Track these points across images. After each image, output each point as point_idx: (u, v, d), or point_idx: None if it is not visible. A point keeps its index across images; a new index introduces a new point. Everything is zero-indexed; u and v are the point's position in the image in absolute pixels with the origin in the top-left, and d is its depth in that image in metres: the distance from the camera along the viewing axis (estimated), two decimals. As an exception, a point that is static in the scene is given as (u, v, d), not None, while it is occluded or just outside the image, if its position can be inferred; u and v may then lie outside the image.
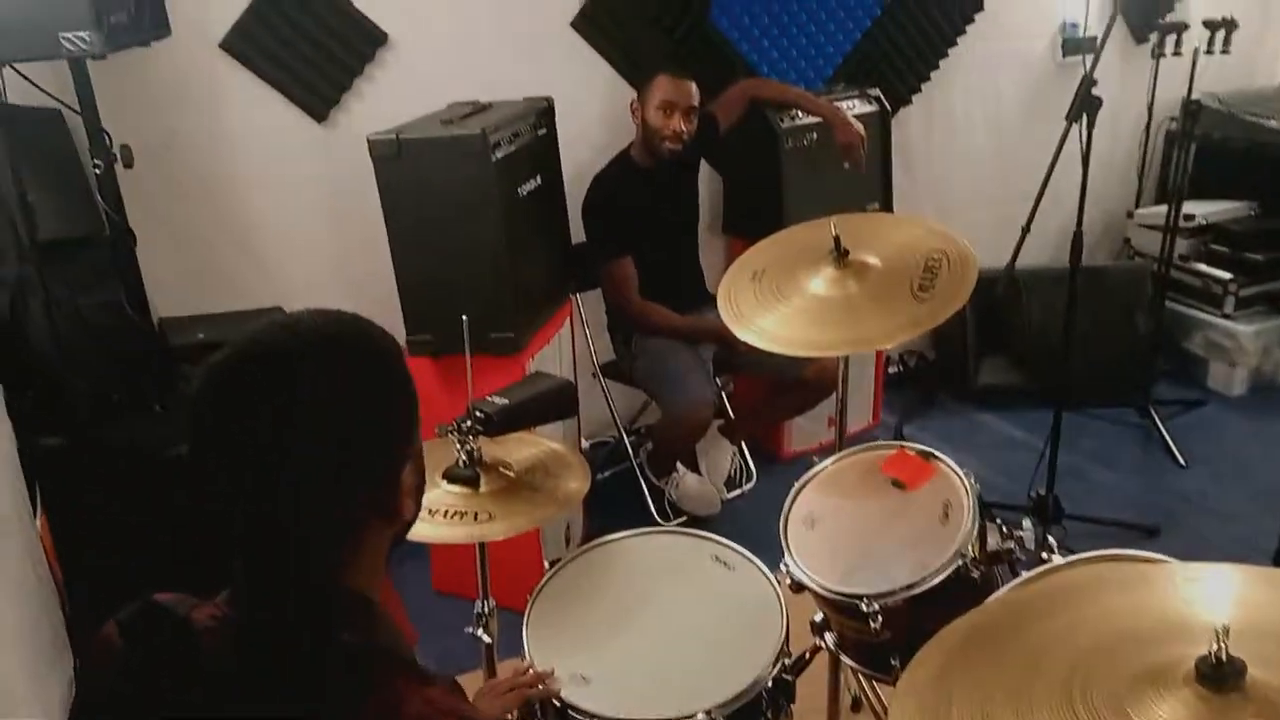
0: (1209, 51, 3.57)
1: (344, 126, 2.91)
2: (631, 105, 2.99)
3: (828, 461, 1.78)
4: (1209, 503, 3.15)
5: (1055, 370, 2.86)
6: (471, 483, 1.64)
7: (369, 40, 2.88)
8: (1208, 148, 3.77)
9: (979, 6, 3.80)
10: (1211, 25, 3.60)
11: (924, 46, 3.78)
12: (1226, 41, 3.60)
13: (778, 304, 1.86)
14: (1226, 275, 3.79)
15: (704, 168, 3.31)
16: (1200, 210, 3.84)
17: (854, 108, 3.35)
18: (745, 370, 3.20)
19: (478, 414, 1.66)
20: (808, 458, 1.91)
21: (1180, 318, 3.95)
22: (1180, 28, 3.65)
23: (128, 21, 2.23)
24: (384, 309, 2.63)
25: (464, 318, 1.75)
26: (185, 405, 0.91)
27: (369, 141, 2.40)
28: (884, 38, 3.66)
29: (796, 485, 1.75)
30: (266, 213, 2.92)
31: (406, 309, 2.55)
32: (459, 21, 2.98)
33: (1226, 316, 3.81)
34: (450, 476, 1.66)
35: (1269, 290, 3.82)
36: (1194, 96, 3.45)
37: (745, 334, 1.82)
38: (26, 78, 2.24)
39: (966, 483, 1.64)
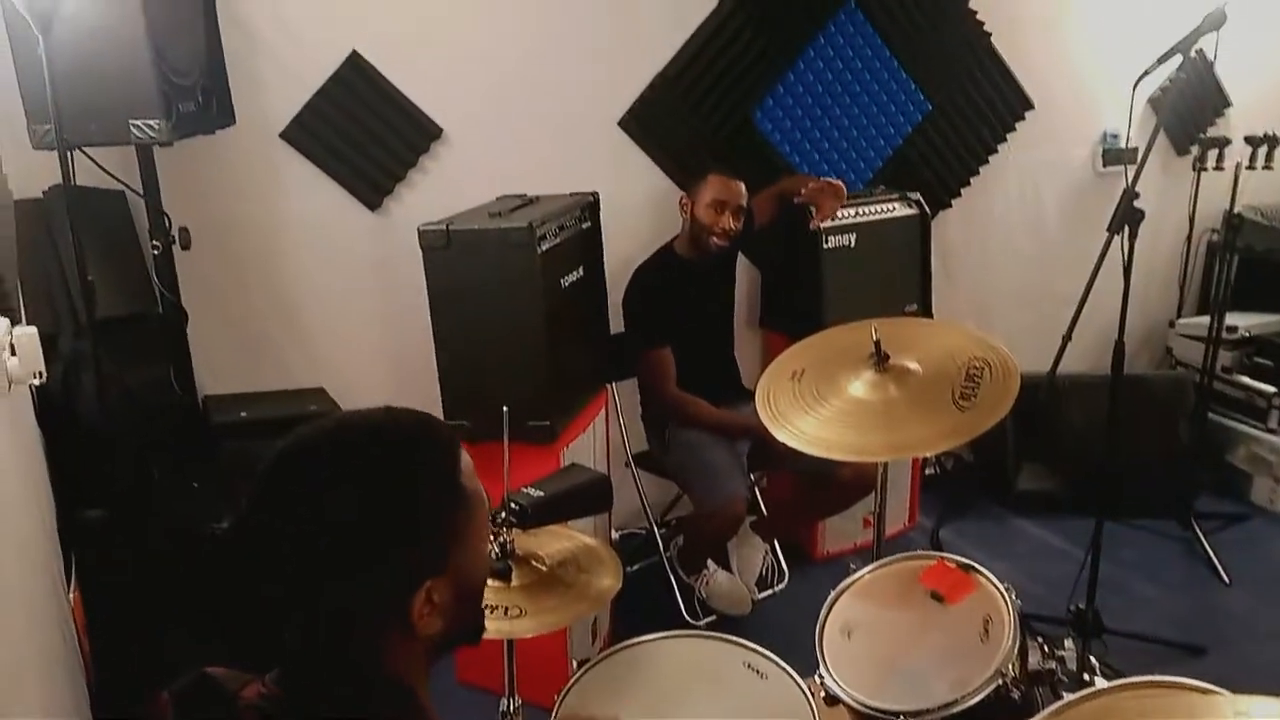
0: (1251, 167, 3.58)
1: (395, 215, 2.99)
2: (681, 201, 3.06)
3: (865, 570, 1.75)
4: (1254, 623, 3.05)
5: (1096, 478, 2.81)
6: (504, 576, 1.64)
7: (424, 134, 2.98)
8: (1250, 260, 3.76)
9: (1021, 116, 3.86)
10: (1254, 141, 3.63)
11: (965, 152, 3.84)
12: (1269, 158, 3.62)
13: (816, 405, 1.87)
14: (1270, 389, 3.73)
15: (740, 261, 3.35)
16: (1243, 322, 3.81)
17: (893, 210, 3.40)
18: (780, 467, 3.18)
19: (513, 506, 1.67)
20: (842, 560, 1.88)
21: (1223, 430, 3.88)
22: (1222, 143, 3.68)
23: (196, 111, 2.33)
24: (423, 392, 2.68)
25: (505, 409, 1.76)
26: (250, 483, 0.95)
27: (419, 232, 2.46)
28: (926, 142, 3.72)
29: (833, 593, 1.73)
30: (315, 295, 2.99)
31: (445, 394, 2.58)
32: (511, 118, 3.08)
33: (1271, 431, 3.73)
34: (483, 569, 1.65)
35: (1315, 406, 3.75)
36: (1236, 210, 3.46)
37: (782, 434, 1.82)
38: (95, 161, 2.33)
39: (1008, 598, 1.60)
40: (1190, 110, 4.13)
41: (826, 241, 3.22)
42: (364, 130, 2.91)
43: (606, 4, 3.12)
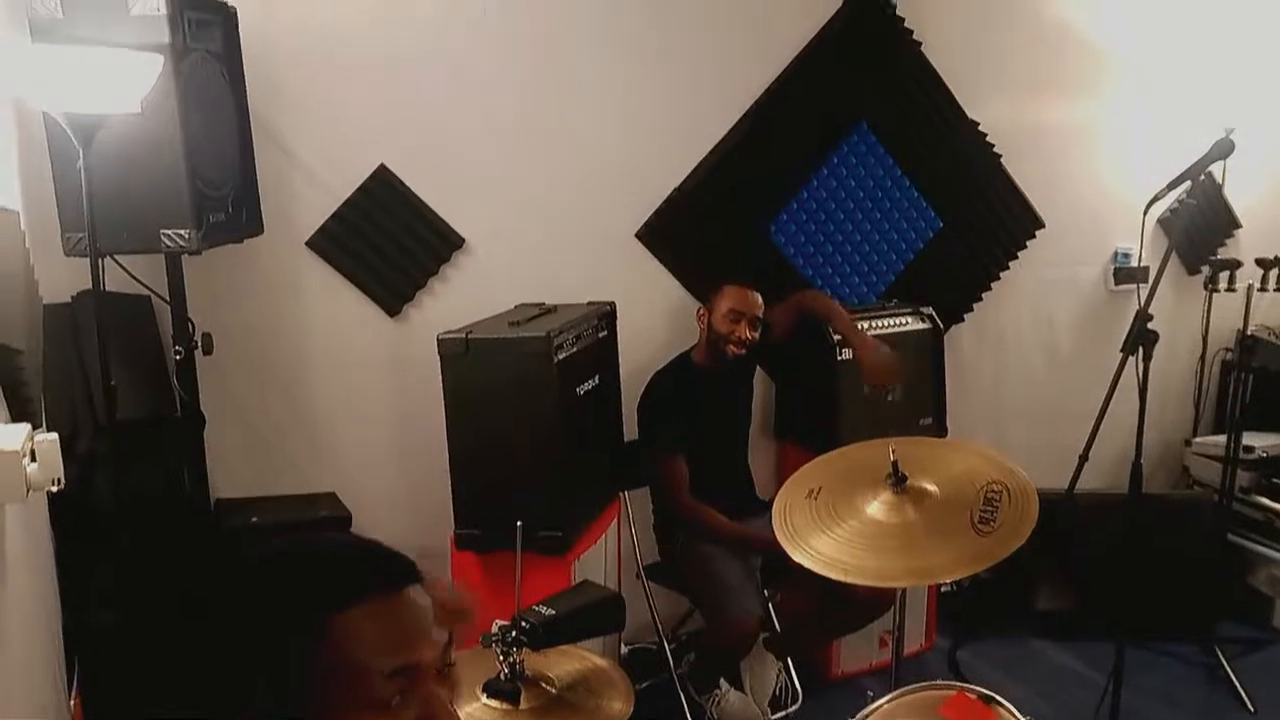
0: (1262, 289, 3.62)
1: (415, 321, 3.03)
2: (699, 312, 3.10)
3: (883, 700, 1.71)
4: (1285, 757, 2.94)
5: (1115, 600, 2.76)
6: (512, 698, 1.60)
7: (447, 243, 3.04)
8: (1264, 379, 3.76)
9: (1032, 234, 3.92)
10: (1265, 264, 3.67)
11: (977, 268, 3.89)
12: (1280, 280, 3.66)
13: (834, 525, 1.85)
14: (1291, 511, 3.68)
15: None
16: (1260, 442, 3.78)
17: (906, 324, 3.43)
18: (796, 583, 3.12)
19: (524, 624, 1.64)
20: (858, 680, 1.83)
21: (1243, 552, 3.81)
22: (1233, 265, 3.72)
23: (225, 220, 2.38)
24: (435, 499, 2.67)
25: (519, 523, 1.74)
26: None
27: (439, 340, 2.49)
28: (938, 258, 3.77)
29: (849, 723, 1.68)
30: (332, 400, 3.00)
31: (458, 502, 2.57)
32: (531, 229, 3.15)
33: (1293, 553, 3.67)
34: (491, 690, 1.62)
35: (1337, 529, 3.69)
36: (1249, 331, 3.48)
37: (799, 555, 1.80)
38: (124, 267, 2.38)
39: (1031, 733, 1.55)
40: (1201, 232, 4.19)
41: (841, 354, 3.24)
42: (388, 239, 2.97)
43: (626, 119, 3.22)
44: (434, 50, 2.94)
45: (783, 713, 3.12)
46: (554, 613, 1.65)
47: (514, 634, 1.64)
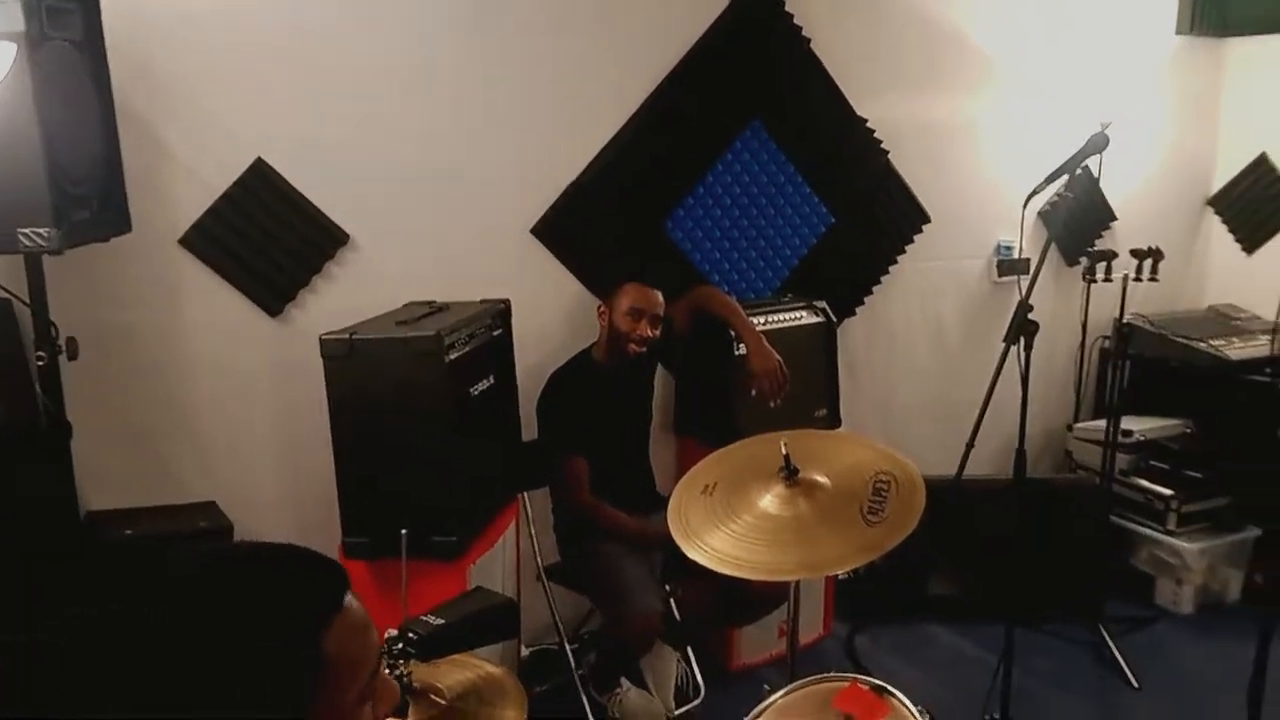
0: (1138, 279, 3.77)
1: (299, 322, 2.91)
2: (599, 309, 3.07)
3: (778, 694, 1.70)
4: (1165, 730, 3.07)
5: (1004, 583, 2.83)
6: (399, 713, 1.53)
7: (330, 240, 2.94)
8: (1140, 366, 3.92)
9: (918, 229, 4.01)
10: (1139, 254, 3.82)
11: (868, 262, 3.96)
12: (1154, 270, 3.82)
13: (728, 520, 1.84)
14: (1168, 492, 3.84)
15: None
16: (1137, 426, 3.94)
17: (800, 318, 3.47)
18: (696, 577, 3.11)
19: (411, 635, 1.58)
20: (758, 671, 1.83)
21: (1126, 533, 3.97)
22: (1110, 256, 3.86)
23: (90, 218, 2.24)
24: (321, 507, 2.58)
25: (403, 533, 1.68)
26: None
27: (321, 340, 2.40)
28: (830, 251, 3.82)
29: (747, 719, 1.67)
30: (211, 405, 2.87)
31: (345, 510, 2.48)
32: (421, 225, 3.06)
33: (1170, 533, 3.84)
34: (377, 704, 1.55)
35: (1210, 508, 3.87)
36: (1125, 319, 3.62)
37: (695, 552, 1.78)
38: (-23, 268, 2.22)
39: (921, 721, 1.57)
40: (1079, 224, 4.36)
41: (738, 348, 3.25)
42: (268, 236, 2.85)
43: (518, 111, 3.16)
44: (315, 38, 2.83)
45: (685, 706, 3.11)
46: (443, 622, 1.60)
47: (400, 645, 1.58)
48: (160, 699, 0.78)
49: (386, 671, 0.93)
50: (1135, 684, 3.30)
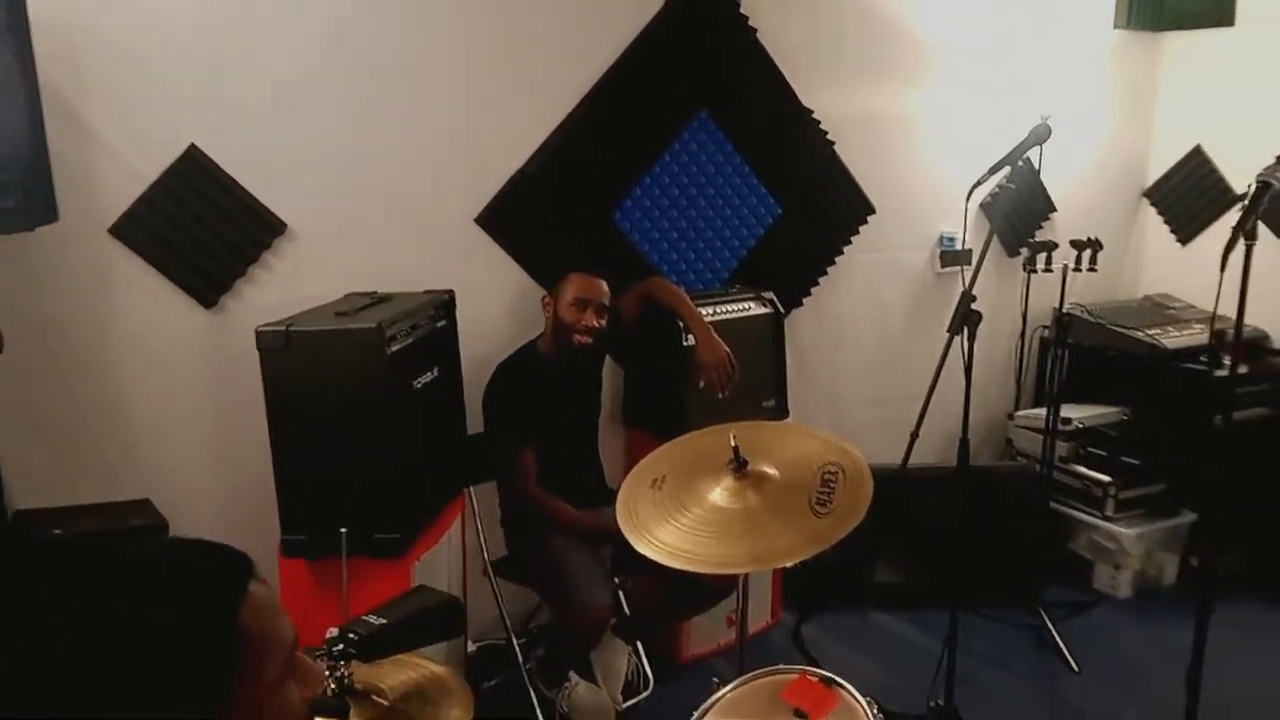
0: (1077, 269, 3.83)
1: (235, 314, 2.83)
2: (544, 300, 3.03)
3: (727, 688, 1.69)
4: (1104, 713, 3.13)
5: (948, 570, 2.86)
6: (339, 715, 1.49)
7: (266, 229, 2.86)
8: (1079, 355, 3.99)
9: (864, 220, 4.03)
10: (1079, 245, 3.88)
11: (814, 253, 3.96)
12: (1093, 260, 3.88)
13: (677, 514, 1.83)
14: (1106, 478, 3.92)
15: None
16: (1076, 414, 4.01)
17: (749, 309, 3.46)
18: (646, 569, 3.10)
19: (351, 636, 1.54)
20: (708, 661, 1.82)
21: (1065, 519, 4.04)
22: (1050, 246, 3.92)
23: (14, 207, 2.15)
24: (260, 504, 2.51)
25: (343, 531, 1.63)
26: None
27: (257, 332, 2.33)
28: (778, 243, 3.82)
29: (696, 714, 1.66)
30: (144, 400, 2.78)
31: (283, 506, 2.41)
32: (361, 213, 2.99)
33: (1108, 519, 3.92)
34: (315, 707, 1.50)
35: (1147, 494, 3.96)
36: (1065, 309, 3.68)
37: (644, 547, 1.77)
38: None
39: (869, 713, 1.57)
40: (1019, 215, 4.41)
41: (687, 339, 3.23)
42: (202, 225, 2.76)
43: (461, 99, 3.10)
44: (251, 21, 2.75)
45: (634, 699, 3.10)
46: (384, 622, 1.56)
47: (341, 646, 1.54)
48: (81, 688, 0.79)
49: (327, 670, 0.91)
50: (1075, 667, 3.37)
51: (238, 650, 0.85)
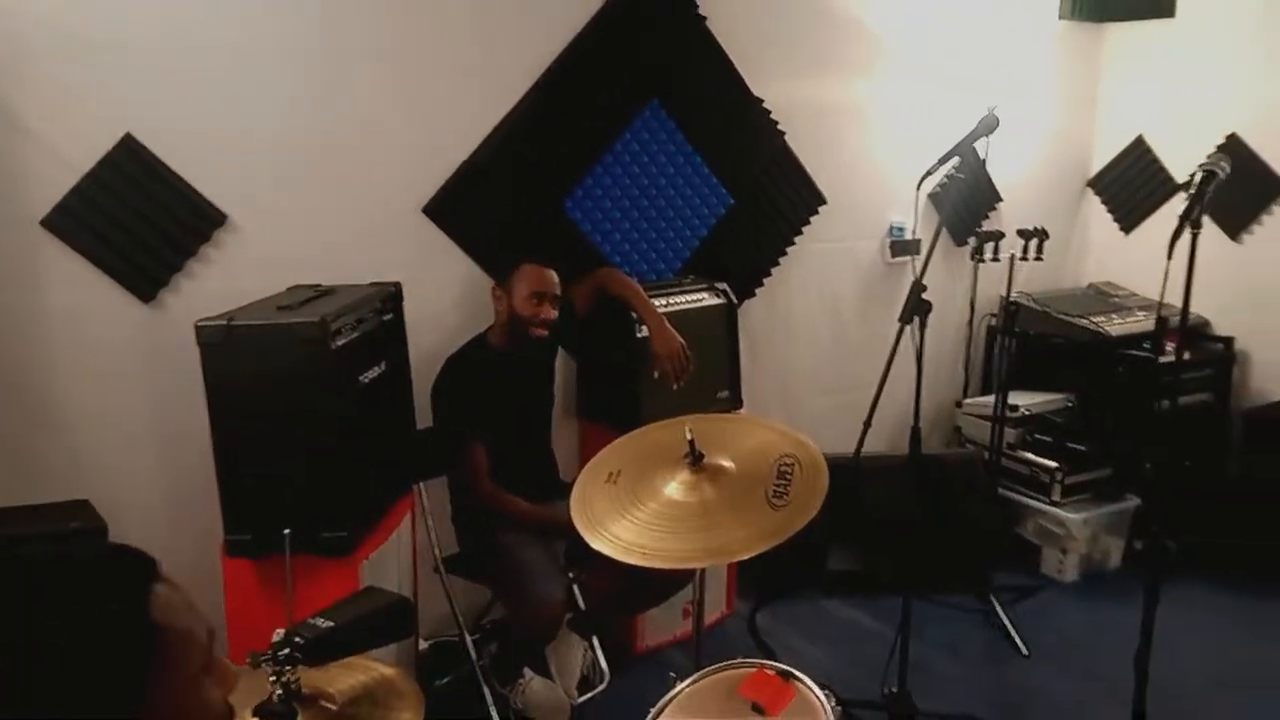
0: (1024, 258, 3.87)
1: (174, 308, 2.74)
2: (494, 292, 2.98)
3: (684, 685, 1.68)
4: (1054, 695, 3.17)
5: (900, 557, 2.88)
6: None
7: (205, 220, 2.77)
8: (1026, 343, 4.04)
9: (815, 210, 4.03)
10: (1025, 234, 3.93)
11: (766, 243, 3.96)
12: (1039, 249, 3.93)
13: (633, 509, 1.80)
14: (1052, 464, 3.98)
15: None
16: (1023, 401, 4.07)
17: (702, 300, 3.45)
18: (600, 563, 3.07)
19: (297, 640, 1.49)
20: (664, 653, 1.80)
21: (1013, 505, 4.10)
22: (997, 236, 3.97)
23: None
24: (202, 504, 2.44)
25: (285, 531, 1.58)
26: None
27: (196, 327, 2.25)
28: (730, 233, 3.81)
29: (653, 711, 1.64)
30: (80, 398, 2.68)
31: (226, 506, 2.34)
32: (304, 203, 2.92)
33: (1055, 504, 3.98)
34: (262, 713, 1.46)
35: (1093, 479, 4.03)
36: (1011, 298, 3.73)
37: (599, 543, 1.74)
38: None
39: (827, 705, 1.56)
40: (966, 205, 4.45)
41: (640, 330, 3.21)
42: (138, 217, 2.67)
43: (407, 86, 3.04)
44: (189, 6, 2.66)
45: (590, 693, 3.08)
46: (331, 625, 1.51)
47: (287, 650, 1.49)
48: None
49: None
50: (1025, 651, 3.42)
51: (150, 649, 0.86)
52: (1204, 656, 3.34)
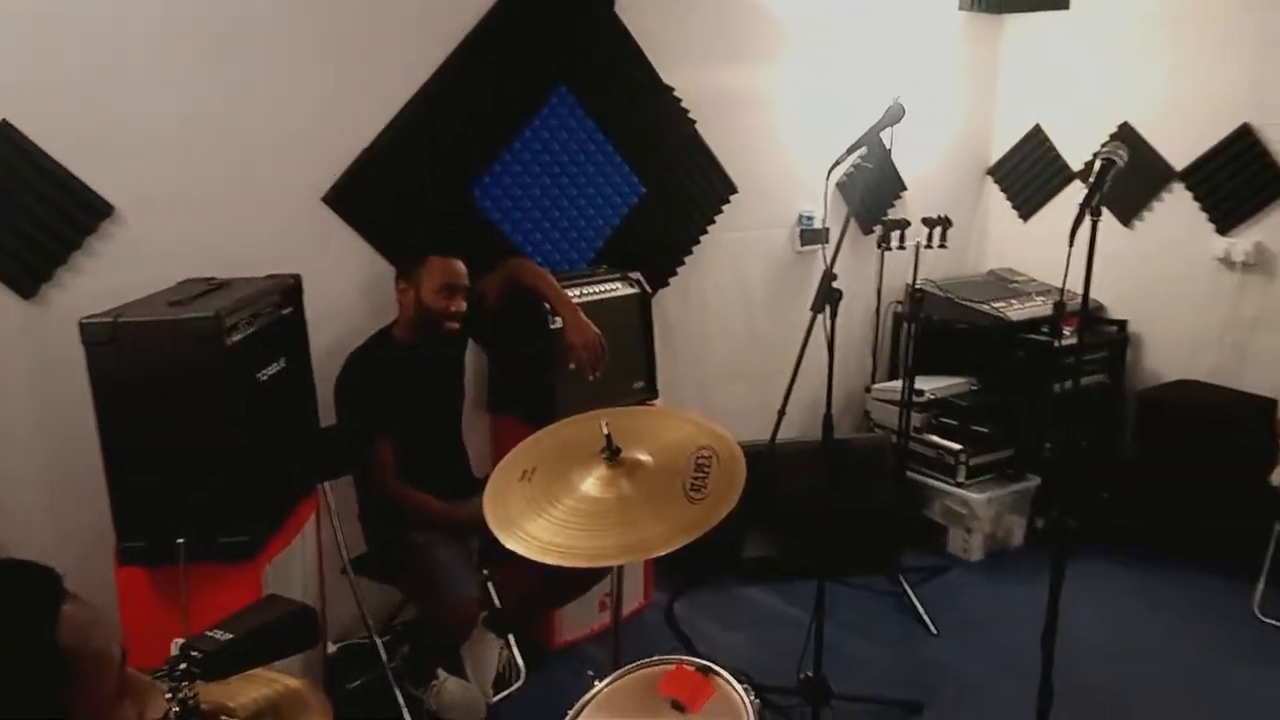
0: (929, 246, 3.95)
1: (57, 304, 2.58)
2: (398, 285, 2.89)
3: (603, 684, 1.65)
4: (962, 673, 3.25)
5: (814, 541, 2.89)
6: (185, 741, 1.37)
7: (90, 211, 2.61)
8: (931, 329, 4.12)
9: (726, 199, 4.03)
10: (930, 222, 4.00)
11: (679, 232, 3.95)
12: (943, 237, 4.01)
13: (549, 507, 1.76)
14: (957, 446, 4.08)
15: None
16: (929, 386, 4.15)
17: (616, 290, 3.42)
18: (516, 559, 3.02)
19: (194, 654, 1.41)
20: (580, 648, 1.77)
21: (921, 487, 4.19)
22: (903, 224, 4.03)
23: None
24: (92, 510, 2.31)
25: (180, 541, 1.50)
26: None
27: (81, 325, 2.12)
28: (643, 222, 3.79)
29: (570, 713, 1.60)
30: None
31: (118, 512, 2.21)
32: (196, 193, 2.78)
33: (960, 485, 4.08)
34: (158, 734, 1.38)
35: (995, 460, 4.15)
36: (917, 285, 3.79)
37: (513, 543, 1.70)
38: None
39: (747, 699, 1.55)
40: (873, 194, 4.52)
41: (554, 322, 3.16)
42: (17, 208, 2.50)
43: (306, 69, 2.92)
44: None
45: (505, 692, 3.03)
46: (230, 637, 1.43)
47: (183, 666, 1.41)
48: None
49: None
50: (934, 630, 3.50)
51: (61, 672, 0.83)
52: (1103, 628, 3.48)
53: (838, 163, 2.86)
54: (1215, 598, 3.69)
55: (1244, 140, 3.99)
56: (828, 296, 2.71)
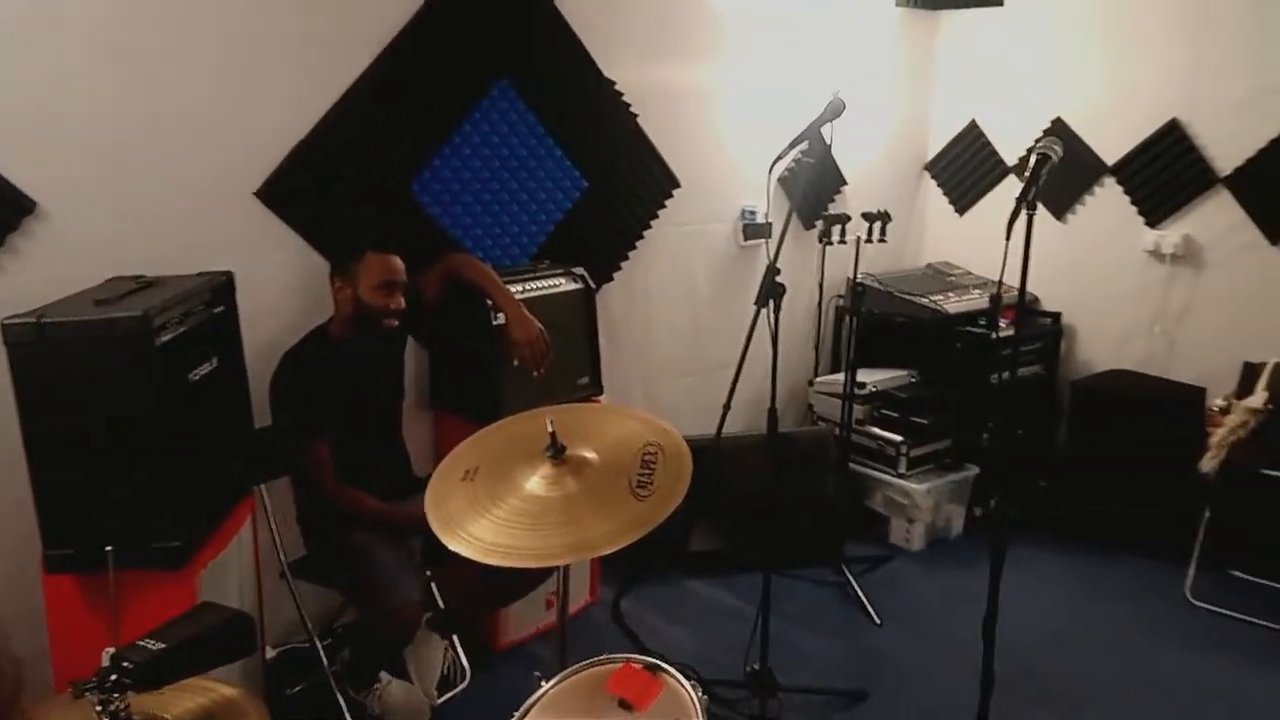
0: (869, 240, 3.98)
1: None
2: (334, 281, 2.83)
3: (550, 685, 1.63)
4: (906, 661, 3.29)
5: (759, 533, 2.90)
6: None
7: (12, 208, 2.51)
8: (871, 322, 4.17)
9: (669, 194, 4.03)
10: (869, 217, 4.04)
11: (623, 227, 3.93)
12: (883, 231, 4.04)
13: (492, 506, 1.74)
14: (898, 438, 4.13)
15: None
16: (870, 378, 4.20)
17: (559, 285, 3.39)
18: (459, 559, 2.98)
19: (125, 665, 1.36)
20: (526, 647, 1.75)
21: (863, 478, 4.24)
22: (844, 219, 4.06)
23: None
24: (18, 517, 2.22)
25: (109, 549, 1.45)
26: None
27: (2, 326, 2.03)
28: (586, 217, 3.76)
29: (517, 715, 1.58)
30: None
31: (44, 518, 2.13)
32: (124, 188, 2.68)
33: (901, 476, 4.13)
34: (88, 750, 1.33)
35: (935, 451, 4.21)
36: (858, 278, 3.83)
37: (456, 545, 1.66)
38: None
39: (694, 695, 1.55)
40: (813, 189, 4.55)
41: (496, 318, 3.12)
42: (-72, 203, 2.40)
43: (237, 60, 2.84)
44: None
45: (450, 693, 2.99)
46: (163, 646, 1.39)
47: (114, 678, 1.36)
48: None
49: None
50: (877, 620, 3.54)
51: None
52: (1042, 614, 3.55)
53: (779, 158, 2.87)
54: (1149, 583, 3.79)
55: (1173, 135, 4.10)
56: (771, 291, 2.71)
